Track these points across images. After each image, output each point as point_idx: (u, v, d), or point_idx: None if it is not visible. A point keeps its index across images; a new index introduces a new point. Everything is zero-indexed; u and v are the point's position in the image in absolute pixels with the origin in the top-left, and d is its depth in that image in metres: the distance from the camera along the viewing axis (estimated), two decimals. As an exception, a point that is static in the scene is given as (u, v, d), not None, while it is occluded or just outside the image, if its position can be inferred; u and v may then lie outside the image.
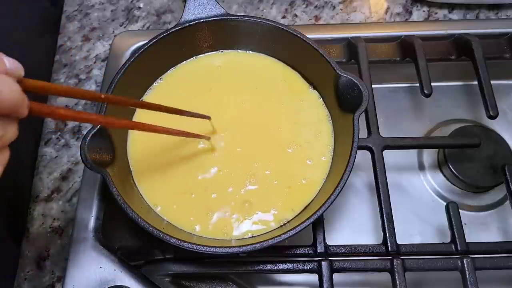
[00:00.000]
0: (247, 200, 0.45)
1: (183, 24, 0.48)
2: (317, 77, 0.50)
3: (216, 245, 0.39)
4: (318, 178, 0.46)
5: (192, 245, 0.38)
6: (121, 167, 0.45)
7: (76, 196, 0.52)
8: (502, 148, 0.54)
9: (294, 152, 0.47)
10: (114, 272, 0.45)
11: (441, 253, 0.45)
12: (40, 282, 0.49)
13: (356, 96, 0.43)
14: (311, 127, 0.48)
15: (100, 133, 0.42)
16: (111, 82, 0.45)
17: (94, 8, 0.66)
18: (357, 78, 0.44)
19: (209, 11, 0.49)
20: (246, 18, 0.49)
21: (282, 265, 0.44)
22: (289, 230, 0.39)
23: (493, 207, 0.54)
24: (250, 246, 0.38)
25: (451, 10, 0.64)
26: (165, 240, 0.38)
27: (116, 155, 0.45)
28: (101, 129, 0.42)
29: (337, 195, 0.40)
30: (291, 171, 0.46)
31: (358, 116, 0.43)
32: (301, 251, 0.45)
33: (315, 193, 0.45)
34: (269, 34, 0.49)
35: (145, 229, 0.39)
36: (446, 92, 0.61)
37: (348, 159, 0.41)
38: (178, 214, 0.44)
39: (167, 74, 0.51)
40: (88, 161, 0.39)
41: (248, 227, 0.44)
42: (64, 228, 0.51)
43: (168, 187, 0.46)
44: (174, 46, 0.50)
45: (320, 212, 0.39)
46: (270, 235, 0.42)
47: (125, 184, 0.44)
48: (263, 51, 0.52)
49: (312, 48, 0.47)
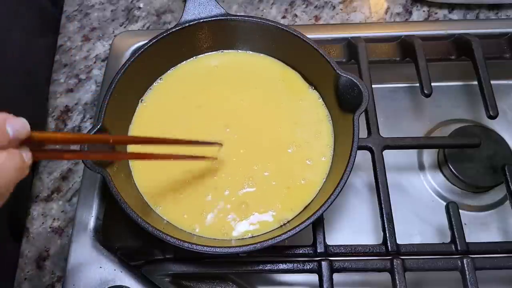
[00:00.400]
0: (244, 201, 0.45)
1: (183, 24, 0.48)
2: (317, 77, 0.50)
3: (216, 245, 0.39)
4: (318, 178, 0.46)
5: (192, 245, 0.38)
6: (121, 167, 0.45)
7: (76, 196, 0.52)
8: (502, 148, 0.54)
9: (294, 152, 0.47)
10: (114, 272, 0.45)
11: (441, 253, 0.45)
12: (40, 282, 0.49)
13: (356, 96, 0.43)
14: (311, 127, 0.48)
15: (100, 133, 0.42)
16: (111, 82, 0.45)
17: (94, 8, 0.66)
18: (357, 78, 0.44)
19: (209, 11, 0.49)
20: (246, 18, 0.49)
21: (282, 265, 0.44)
22: (289, 230, 0.39)
23: (493, 207, 0.54)
24: (250, 246, 0.38)
25: (451, 10, 0.64)
26: (165, 240, 0.38)
27: None
28: (100, 129, 0.42)
29: (337, 195, 0.40)
30: (291, 171, 0.46)
31: (358, 116, 0.43)
32: (301, 251, 0.45)
33: (315, 193, 0.45)
34: (269, 34, 0.49)
35: (145, 229, 0.39)
36: (446, 92, 0.61)
37: (348, 159, 0.41)
38: (178, 214, 0.44)
39: (167, 74, 0.51)
40: (88, 161, 0.39)
41: (248, 227, 0.44)
42: (64, 228, 0.51)
43: (168, 187, 0.46)
44: (174, 46, 0.50)
45: (320, 212, 0.39)
46: (270, 235, 0.42)
47: (125, 184, 0.44)
48: (263, 51, 0.52)
49: (312, 48, 0.47)
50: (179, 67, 0.52)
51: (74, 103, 0.59)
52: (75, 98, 0.59)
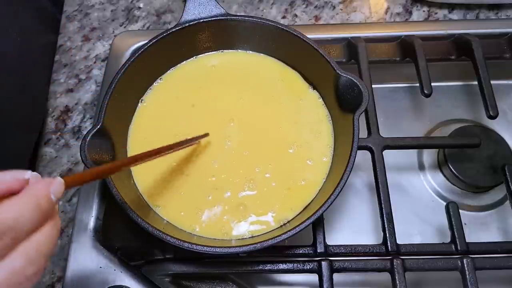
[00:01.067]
0: (243, 203, 0.45)
1: (183, 24, 0.48)
2: (317, 77, 0.50)
3: (216, 245, 0.39)
4: (318, 178, 0.46)
5: (192, 245, 0.38)
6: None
7: (76, 196, 0.52)
8: (502, 148, 0.54)
9: (295, 152, 0.47)
10: (114, 272, 0.45)
11: (441, 253, 0.45)
12: (40, 282, 0.49)
13: (356, 96, 0.43)
14: (312, 127, 0.48)
15: (100, 133, 0.42)
16: (111, 82, 0.45)
17: (94, 8, 0.66)
18: (357, 78, 0.44)
19: (209, 11, 0.49)
20: (246, 18, 0.49)
21: (282, 265, 0.44)
22: (289, 230, 0.39)
23: (493, 207, 0.54)
24: (250, 246, 0.38)
25: (451, 10, 0.64)
26: (165, 240, 0.38)
27: (116, 155, 0.45)
28: (100, 129, 0.42)
29: (337, 195, 0.40)
30: (291, 172, 0.46)
31: (358, 116, 0.43)
32: (301, 251, 0.45)
33: (315, 193, 0.45)
34: (269, 34, 0.49)
35: (145, 229, 0.39)
36: (446, 92, 0.61)
37: (348, 159, 0.41)
38: (177, 214, 0.44)
39: (167, 74, 0.51)
40: (88, 161, 0.39)
41: (248, 227, 0.44)
42: (64, 228, 0.51)
43: (168, 187, 0.46)
44: (174, 46, 0.50)
45: (320, 212, 0.39)
46: (270, 235, 0.42)
47: (125, 184, 0.44)
48: (263, 51, 0.52)
49: (312, 48, 0.47)
50: (179, 67, 0.52)
51: (74, 103, 0.59)
52: (75, 98, 0.59)
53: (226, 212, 0.44)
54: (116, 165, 0.34)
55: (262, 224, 0.44)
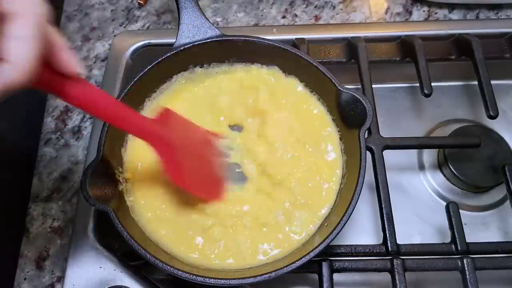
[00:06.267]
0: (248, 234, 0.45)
1: (177, 48, 0.47)
2: (321, 92, 0.49)
3: (217, 277, 0.39)
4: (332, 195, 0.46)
5: (205, 278, 0.38)
6: (121, 202, 0.44)
7: (76, 196, 0.52)
8: (502, 148, 0.54)
9: (306, 171, 0.47)
10: (114, 272, 0.45)
11: (441, 253, 0.45)
12: (40, 282, 0.49)
13: (360, 112, 0.43)
14: (321, 144, 0.48)
15: (99, 165, 0.41)
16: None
17: (94, 8, 0.66)
18: (360, 94, 0.43)
19: (204, 33, 0.48)
20: (242, 38, 0.48)
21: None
22: (285, 266, 0.39)
23: (493, 207, 0.54)
24: (263, 276, 0.39)
25: (451, 10, 0.64)
26: (177, 275, 0.38)
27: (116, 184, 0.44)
28: (102, 161, 0.41)
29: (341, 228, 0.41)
30: (305, 193, 0.46)
31: (363, 132, 0.43)
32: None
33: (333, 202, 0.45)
34: (270, 52, 0.49)
35: (155, 265, 0.38)
36: (446, 92, 0.61)
37: (359, 173, 0.42)
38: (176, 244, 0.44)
39: (159, 93, 0.50)
40: (91, 199, 0.38)
41: (259, 257, 0.44)
42: (64, 228, 0.51)
43: (168, 220, 0.45)
44: (168, 69, 0.49)
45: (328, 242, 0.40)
46: (272, 266, 0.41)
47: (126, 218, 0.43)
48: (269, 64, 0.51)
49: (312, 65, 0.46)
50: (172, 87, 0.51)
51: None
52: (75, 98, 0.59)
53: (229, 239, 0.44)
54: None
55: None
